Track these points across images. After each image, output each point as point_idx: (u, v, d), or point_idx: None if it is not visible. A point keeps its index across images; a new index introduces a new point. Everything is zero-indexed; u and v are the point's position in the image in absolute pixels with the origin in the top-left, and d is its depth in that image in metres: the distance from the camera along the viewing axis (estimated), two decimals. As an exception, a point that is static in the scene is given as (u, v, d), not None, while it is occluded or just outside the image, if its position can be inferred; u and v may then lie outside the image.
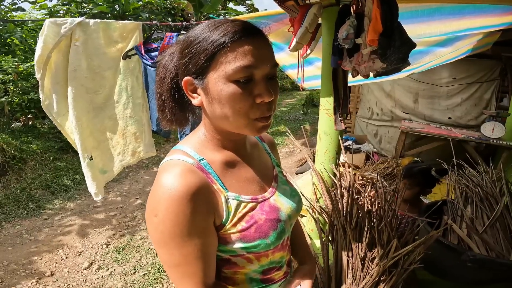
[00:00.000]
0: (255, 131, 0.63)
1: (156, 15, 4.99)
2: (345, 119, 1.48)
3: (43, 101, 1.90)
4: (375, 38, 1.05)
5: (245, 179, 0.69)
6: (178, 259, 0.59)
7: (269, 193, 0.72)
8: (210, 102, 0.61)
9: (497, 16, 1.70)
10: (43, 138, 4.52)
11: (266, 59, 0.59)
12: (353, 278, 1.23)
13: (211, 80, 0.59)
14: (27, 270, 2.39)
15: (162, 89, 0.68)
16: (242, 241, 0.64)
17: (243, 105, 0.59)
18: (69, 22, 1.81)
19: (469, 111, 3.93)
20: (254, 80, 0.59)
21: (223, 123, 0.63)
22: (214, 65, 0.58)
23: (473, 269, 1.34)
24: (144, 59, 2.05)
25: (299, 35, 1.44)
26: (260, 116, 0.61)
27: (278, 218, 0.68)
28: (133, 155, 2.22)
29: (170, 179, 0.58)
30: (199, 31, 0.60)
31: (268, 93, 0.59)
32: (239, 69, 0.57)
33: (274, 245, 0.67)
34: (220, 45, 0.57)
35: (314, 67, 2.73)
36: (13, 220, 3.06)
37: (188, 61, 0.60)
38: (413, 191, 1.76)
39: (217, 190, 0.63)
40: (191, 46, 0.59)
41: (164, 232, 0.58)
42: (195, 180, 0.59)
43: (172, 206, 0.57)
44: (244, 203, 0.65)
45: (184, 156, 0.64)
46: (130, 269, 2.43)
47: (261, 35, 0.61)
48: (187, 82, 0.62)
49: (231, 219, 0.63)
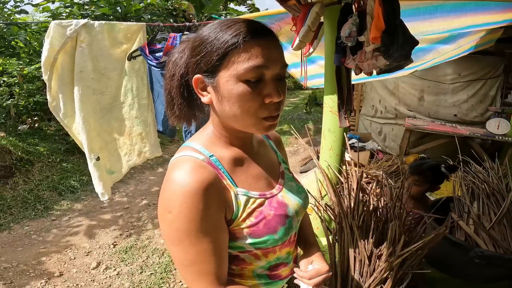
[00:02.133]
0: (262, 129, 0.63)
1: (158, 17, 5.00)
2: (349, 116, 1.49)
3: (50, 102, 1.92)
4: (378, 35, 1.06)
5: (253, 176, 0.70)
6: (193, 257, 0.60)
7: (277, 189, 0.73)
8: (219, 100, 0.62)
9: (499, 13, 1.69)
10: (50, 140, 4.57)
11: (276, 60, 0.60)
12: (360, 275, 1.24)
13: (222, 79, 0.60)
14: (36, 270, 2.41)
15: (172, 85, 0.68)
16: (251, 236, 0.65)
17: (252, 104, 0.59)
18: (74, 24, 1.83)
19: (474, 108, 3.91)
20: (264, 80, 0.60)
21: (232, 121, 0.64)
22: (225, 64, 0.59)
23: (480, 265, 1.34)
24: (149, 59, 2.07)
25: (301, 33, 1.44)
26: (268, 115, 0.62)
27: (286, 213, 0.69)
28: (139, 155, 2.24)
29: (182, 175, 0.59)
30: (211, 30, 0.61)
31: (277, 93, 0.60)
32: (251, 69, 0.57)
33: (282, 240, 0.68)
34: (232, 44, 0.57)
35: (317, 65, 2.73)
36: (22, 221, 3.10)
37: (199, 59, 0.61)
38: (423, 188, 1.76)
39: (227, 185, 0.64)
40: (203, 45, 0.60)
41: (179, 228, 0.58)
42: (207, 175, 0.60)
43: (186, 202, 0.57)
44: (253, 198, 0.66)
45: (194, 152, 0.65)
46: (137, 269, 2.45)
47: (272, 36, 0.61)
48: (198, 80, 0.63)
49: (240, 214, 0.64)
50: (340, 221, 1.30)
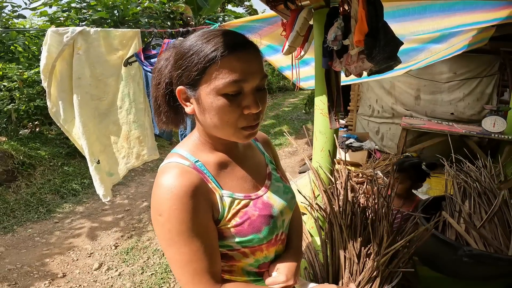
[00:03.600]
0: (242, 138, 0.67)
1: (155, 20, 5.01)
2: (339, 117, 1.52)
3: (50, 108, 1.97)
4: (361, 38, 1.08)
5: (239, 178, 0.73)
6: (188, 257, 0.62)
7: (262, 191, 0.76)
8: (201, 111, 0.65)
9: (488, 12, 1.71)
10: (51, 144, 4.63)
11: (255, 73, 0.62)
12: (350, 273, 1.27)
13: (202, 92, 0.62)
14: (40, 272, 2.47)
15: (158, 93, 0.71)
16: (237, 235, 0.68)
17: (231, 116, 0.62)
18: (70, 31, 1.86)
19: (471, 106, 3.92)
20: (243, 93, 0.62)
21: (213, 131, 0.68)
22: (205, 79, 0.61)
23: (470, 264, 1.35)
24: (144, 65, 2.11)
25: (290, 39, 1.48)
26: (247, 125, 0.65)
27: (270, 214, 0.72)
28: (138, 158, 2.29)
29: (169, 179, 0.63)
30: (192, 42, 0.63)
31: (256, 105, 0.63)
32: (228, 83, 0.60)
33: (267, 239, 0.72)
34: (211, 60, 0.59)
35: (311, 67, 2.75)
36: (25, 224, 3.16)
37: (181, 73, 0.63)
38: (405, 185, 1.81)
39: (212, 188, 0.68)
40: (184, 59, 0.62)
41: (171, 230, 0.61)
42: (193, 179, 0.64)
43: (175, 204, 0.61)
44: (238, 200, 0.70)
45: (181, 159, 0.68)
46: (138, 270, 2.50)
47: (251, 48, 0.63)
48: (180, 91, 0.66)
49: (226, 215, 0.68)
50: (330, 221, 1.33)
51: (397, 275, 1.30)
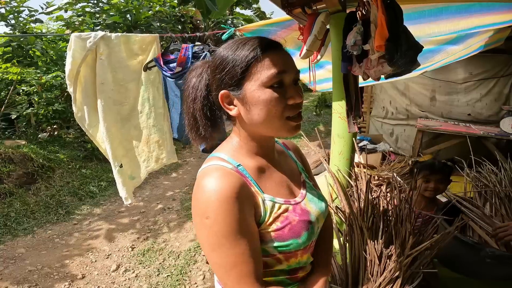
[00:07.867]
0: (290, 129, 0.69)
1: (167, 23, 5.07)
2: (358, 121, 1.53)
3: (76, 113, 2.03)
4: (382, 44, 1.09)
5: (277, 183, 0.75)
6: (234, 259, 0.62)
7: (300, 197, 0.77)
8: (247, 109, 0.68)
9: (504, 13, 1.70)
10: (69, 147, 4.75)
11: (292, 66, 0.68)
12: (371, 274, 1.27)
13: (248, 89, 0.66)
14: (60, 273, 2.50)
15: (195, 108, 0.73)
16: (276, 240, 0.68)
17: (279, 107, 0.66)
18: (93, 36, 1.92)
19: (490, 107, 3.84)
20: (284, 85, 0.67)
21: (260, 127, 0.69)
22: (248, 76, 0.66)
23: (492, 265, 1.34)
24: (164, 70, 2.16)
25: (308, 43, 1.50)
26: (293, 115, 0.68)
27: (309, 220, 0.73)
28: (157, 161, 2.34)
29: (214, 182, 0.63)
30: (227, 49, 0.68)
31: (298, 94, 0.68)
32: (272, 76, 0.65)
33: (305, 245, 0.72)
34: (253, 57, 0.65)
35: (325, 70, 2.77)
36: (45, 225, 3.24)
37: (223, 76, 0.67)
38: (442, 186, 1.75)
39: (255, 192, 0.69)
40: (225, 62, 0.67)
41: (218, 232, 0.61)
42: (237, 181, 0.65)
43: (222, 206, 0.61)
44: (278, 204, 0.70)
45: (222, 162, 0.69)
46: (154, 271, 2.53)
47: (282, 48, 0.70)
48: (224, 95, 0.69)
49: (267, 219, 0.68)
50: (350, 223, 1.33)
51: (418, 276, 1.29)
